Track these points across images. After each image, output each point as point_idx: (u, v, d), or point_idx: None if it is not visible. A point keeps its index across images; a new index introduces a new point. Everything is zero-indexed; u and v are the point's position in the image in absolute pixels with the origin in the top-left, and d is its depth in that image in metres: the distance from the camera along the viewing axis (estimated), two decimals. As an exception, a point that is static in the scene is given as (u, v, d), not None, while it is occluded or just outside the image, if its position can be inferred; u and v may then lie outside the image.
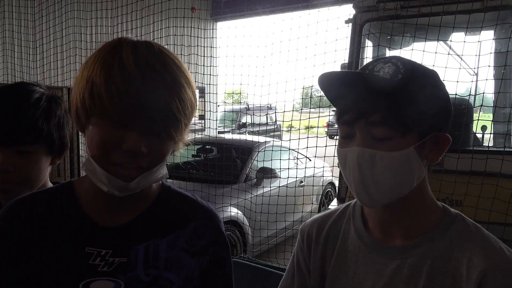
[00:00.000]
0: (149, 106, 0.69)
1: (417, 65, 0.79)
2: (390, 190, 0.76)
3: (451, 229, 0.79)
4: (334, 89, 0.79)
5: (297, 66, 3.73)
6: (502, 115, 2.96)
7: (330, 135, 5.80)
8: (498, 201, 2.34)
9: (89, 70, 0.76)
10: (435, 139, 0.78)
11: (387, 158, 0.73)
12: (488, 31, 3.03)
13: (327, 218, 0.93)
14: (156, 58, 0.74)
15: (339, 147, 0.80)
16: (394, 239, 0.82)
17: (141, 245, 0.78)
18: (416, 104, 0.73)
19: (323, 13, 4.02)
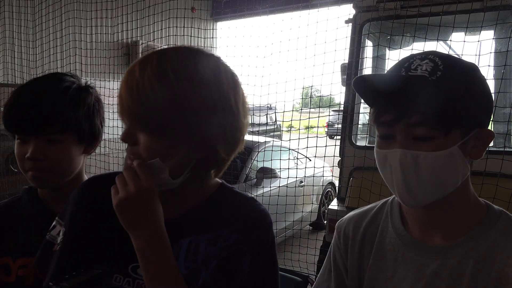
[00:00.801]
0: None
1: (456, 59, 0.77)
2: (435, 190, 0.75)
3: (495, 228, 0.77)
4: (372, 91, 0.77)
5: (297, 66, 3.73)
6: (502, 115, 2.95)
7: (330, 135, 5.80)
8: (498, 201, 2.33)
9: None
10: (477, 135, 0.75)
11: (431, 159, 0.72)
12: (488, 31, 3.02)
13: (364, 216, 0.92)
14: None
15: (378, 148, 0.78)
16: (435, 238, 0.80)
17: (185, 239, 0.80)
18: (457, 101, 0.71)
19: (323, 13, 4.02)
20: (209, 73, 0.75)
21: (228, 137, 0.78)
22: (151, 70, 0.72)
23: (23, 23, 6.30)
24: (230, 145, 0.80)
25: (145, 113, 0.71)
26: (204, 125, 0.74)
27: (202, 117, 0.73)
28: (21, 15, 6.26)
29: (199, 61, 0.75)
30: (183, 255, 0.80)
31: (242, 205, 0.85)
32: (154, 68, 0.72)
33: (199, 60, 0.76)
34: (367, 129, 3.38)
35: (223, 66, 0.79)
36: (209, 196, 0.85)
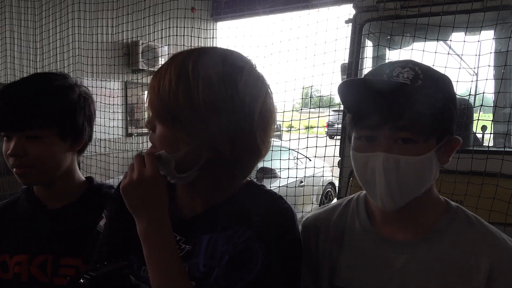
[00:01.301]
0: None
1: (433, 69, 0.82)
2: (411, 192, 0.79)
3: (455, 222, 0.83)
4: (353, 95, 0.80)
5: (297, 66, 3.73)
6: (502, 115, 2.95)
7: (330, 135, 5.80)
8: (498, 201, 2.34)
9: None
10: (448, 142, 0.81)
11: (412, 163, 0.76)
12: (488, 31, 3.02)
13: (330, 214, 0.94)
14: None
15: (356, 151, 0.81)
16: (402, 234, 0.84)
17: (207, 236, 0.82)
18: (437, 108, 0.76)
19: (323, 13, 4.02)
20: (227, 76, 0.77)
21: (235, 139, 0.78)
22: (174, 68, 0.78)
23: (24, 23, 6.30)
24: (238, 148, 0.79)
25: (161, 106, 0.77)
26: (210, 124, 0.76)
27: (209, 117, 0.76)
28: (22, 15, 6.26)
29: (222, 64, 0.78)
30: (203, 252, 0.82)
31: (265, 203, 0.85)
32: (176, 66, 0.78)
33: (223, 62, 0.79)
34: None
35: (250, 72, 0.82)
36: (233, 194, 0.86)
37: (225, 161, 0.81)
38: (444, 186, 2.50)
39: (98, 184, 1.18)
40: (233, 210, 0.84)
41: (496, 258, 0.77)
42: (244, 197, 0.86)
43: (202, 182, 0.84)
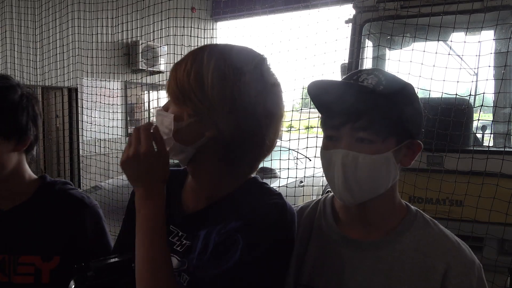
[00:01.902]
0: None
1: (397, 78, 0.88)
2: (369, 189, 0.84)
3: (414, 225, 0.88)
4: (322, 96, 0.86)
5: (297, 66, 3.73)
6: (502, 115, 2.96)
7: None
8: (498, 201, 2.34)
9: None
10: (409, 145, 0.86)
11: (369, 160, 0.81)
12: (488, 31, 3.03)
13: (299, 214, 0.96)
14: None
15: (324, 149, 0.87)
16: (364, 235, 0.89)
17: (203, 231, 0.84)
18: (395, 113, 0.82)
19: (323, 13, 4.03)
20: (235, 69, 0.81)
21: (239, 124, 0.81)
22: (192, 54, 0.85)
23: (24, 23, 6.30)
24: (242, 135, 0.81)
25: (175, 86, 0.84)
26: (215, 106, 0.80)
27: (215, 99, 0.80)
28: (22, 15, 6.26)
29: (232, 57, 0.83)
30: (199, 246, 0.83)
31: (258, 197, 0.85)
32: (194, 53, 0.85)
33: (233, 55, 0.83)
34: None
35: (255, 71, 0.84)
36: (234, 190, 0.87)
37: (228, 148, 0.82)
38: (444, 186, 2.51)
39: (52, 181, 1.17)
40: (230, 205, 0.85)
41: (451, 259, 0.83)
42: (242, 192, 0.87)
43: (206, 176, 0.87)
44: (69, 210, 1.10)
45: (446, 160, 2.59)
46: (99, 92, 5.78)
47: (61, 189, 1.14)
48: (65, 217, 1.09)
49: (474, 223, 2.33)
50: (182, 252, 0.85)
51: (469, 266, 0.84)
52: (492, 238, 2.45)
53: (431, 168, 2.59)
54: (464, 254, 0.85)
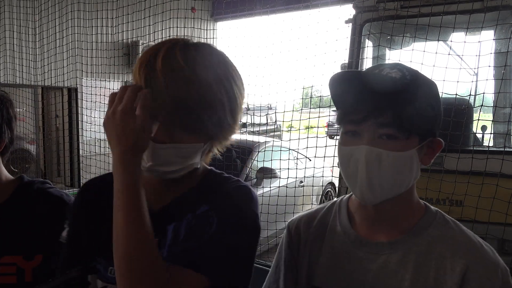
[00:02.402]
0: None
1: (420, 74, 0.83)
2: (392, 188, 0.80)
3: (432, 225, 0.85)
4: (342, 88, 0.82)
5: (297, 66, 3.73)
6: (502, 115, 2.96)
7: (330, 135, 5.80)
8: (498, 201, 2.34)
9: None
10: (430, 144, 0.83)
11: (393, 158, 0.78)
12: (488, 31, 3.03)
13: (314, 215, 0.96)
14: None
15: (342, 145, 0.83)
16: (380, 235, 0.86)
17: (170, 225, 0.83)
18: (421, 109, 0.78)
19: (323, 13, 4.03)
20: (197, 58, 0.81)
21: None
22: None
23: (24, 23, 6.30)
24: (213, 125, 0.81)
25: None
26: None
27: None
28: (22, 15, 6.26)
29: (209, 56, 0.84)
30: (169, 239, 0.82)
31: (224, 183, 0.88)
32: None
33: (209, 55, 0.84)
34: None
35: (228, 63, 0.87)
36: (197, 183, 0.88)
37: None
38: (444, 186, 2.51)
39: (30, 180, 1.17)
40: (195, 196, 0.86)
41: (471, 260, 0.79)
42: (205, 183, 0.88)
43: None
44: (49, 208, 1.10)
45: (446, 160, 2.59)
46: (99, 92, 5.78)
47: (39, 188, 1.14)
48: (45, 215, 1.09)
49: (474, 223, 2.33)
50: None
51: (492, 269, 0.78)
52: (492, 238, 2.45)
53: (431, 168, 2.59)
54: (487, 255, 0.80)
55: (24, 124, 6.61)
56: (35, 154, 7.03)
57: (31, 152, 6.99)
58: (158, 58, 0.77)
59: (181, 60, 0.77)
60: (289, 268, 0.95)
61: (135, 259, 0.70)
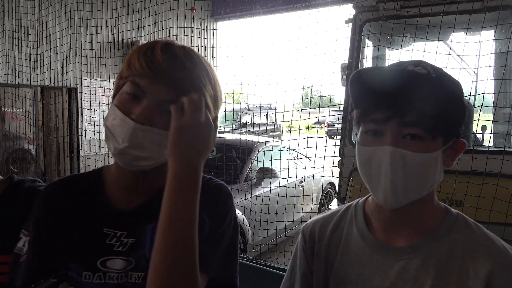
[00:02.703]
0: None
1: (445, 72, 0.80)
2: (415, 191, 0.77)
3: (454, 228, 0.81)
4: (363, 86, 0.77)
5: (297, 66, 3.73)
6: (502, 115, 2.96)
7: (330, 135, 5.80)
8: (498, 201, 2.34)
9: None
10: (453, 145, 0.79)
11: (419, 159, 0.74)
12: (488, 31, 3.03)
13: (329, 219, 0.93)
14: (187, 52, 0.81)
15: (362, 145, 0.79)
16: (399, 240, 0.82)
17: (149, 225, 0.83)
18: (447, 109, 0.74)
19: (323, 13, 4.03)
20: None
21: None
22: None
23: (24, 23, 6.30)
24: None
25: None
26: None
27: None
28: (22, 15, 6.26)
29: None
30: (149, 241, 0.82)
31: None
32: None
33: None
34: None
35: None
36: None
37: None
38: (444, 186, 2.51)
39: (19, 180, 1.16)
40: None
41: (496, 264, 0.75)
42: None
43: (154, 170, 0.84)
44: None
45: (446, 160, 2.59)
46: (99, 92, 5.77)
47: (30, 186, 1.13)
48: None
49: (474, 223, 2.33)
50: (126, 251, 0.82)
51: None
52: (492, 238, 2.45)
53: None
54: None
55: (24, 124, 6.62)
56: (35, 154, 7.03)
57: (31, 152, 6.99)
58: (157, 49, 0.78)
59: (179, 51, 0.79)
60: (304, 273, 0.92)
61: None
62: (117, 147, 0.76)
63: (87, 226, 0.84)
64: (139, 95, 0.77)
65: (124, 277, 0.81)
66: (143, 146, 0.76)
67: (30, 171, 6.91)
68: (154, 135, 0.76)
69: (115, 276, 0.81)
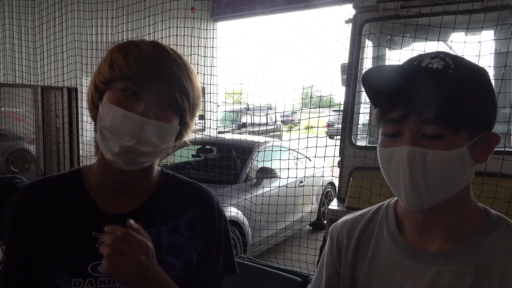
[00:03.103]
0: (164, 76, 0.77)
1: (466, 60, 0.75)
2: (441, 192, 0.72)
3: (494, 233, 0.75)
4: (381, 84, 0.75)
5: (297, 66, 3.73)
6: (502, 115, 2.95)
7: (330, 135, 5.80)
8: (498, 201, 2.34)
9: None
10: (484, 138, 0.74)
11: (440, 157, 0.70)
12: (488, 31, 3.02)
13: (358, 220, 0.89)
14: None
15: (382, 146, 0.76)
16: (432, 244, 0.78)
17: (145, 231, 0.81)
18: (469, 100, 0.70)
19: (323, 13, 4.03)
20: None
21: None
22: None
23: (24, 23, 6.30)
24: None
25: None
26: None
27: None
28: (22, 15, 6.26)
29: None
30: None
31: (190, 187, 0.93)
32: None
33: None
34: (367, 129, 3.38)
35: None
36: (158, 184, 0.89)
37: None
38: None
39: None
40: (165, 200, 0.87)
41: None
42: (168, 186, 0.90)
43: (146, 174, 0.86)
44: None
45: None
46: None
47: (8, 183, 1.12)
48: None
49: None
50: None
51: None
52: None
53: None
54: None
55: (24, 124, 6.62)
56: (35, 154, 7.03)
57: (31, 152, 6.99)
58: (144, 45, 0.79)
59: (168, 48, 0.81)
60: (329, 276, 0.89)
61: None
62: (124, 144, 0.75)
63: (74, 231, 0.81)
64: (138, 91, 0.77)
65: (117, 282, 0.80)
66: (150, 141, 0.77)
67: (30, 171, 6.91)
68: (158, 129, 0.77)
69: (106, 280, 0.80)
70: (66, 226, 0.81)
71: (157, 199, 0.87)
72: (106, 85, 0.78)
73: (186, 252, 0.86)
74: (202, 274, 0.88)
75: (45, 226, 0.81)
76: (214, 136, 5.88)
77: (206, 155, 4.94)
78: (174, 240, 0.85)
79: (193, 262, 0.87)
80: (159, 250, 0.82)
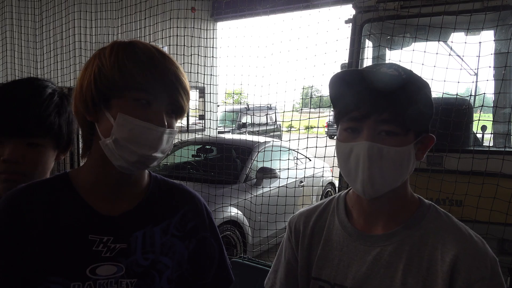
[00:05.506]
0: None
1: (414, 73, 0.88)
2: (391, 181, 0.84)
3: (425, 218, 0.89)
4: (343, 87, 0.86)
5: (297, 66, 3.73)
6: (502, 115, 2.96)
7: (330, 135, 5.80)
8: (498, 201, 2.34)
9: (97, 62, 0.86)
10: (423, 140, 0.87)
11: (393, 152, 0.82)
12: (488, 31, 3.03)
13: (313, 212, 1.01)
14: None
15: (341, 141, 0.87)
16: (376, 229, 0.91)
17: (140, 231, 0.84)
18: (417, 106, 0.82)
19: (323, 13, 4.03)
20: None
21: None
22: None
23: (25, 23, 6.31)
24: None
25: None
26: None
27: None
28: (23, 15, 6.27)
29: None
30: (140, 247, 0.83)
31: (178, 192, 0.95)
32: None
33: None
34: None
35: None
36: (148, 186, 0.90)
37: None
38: (445, 186, 2.51)
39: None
40: (157, 203, 0.89)
41: (461, 250, 0.82)
42: (158, 188, 0.92)
43: (140, 176, 0.88)
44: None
45: (446, 160, 2.59)
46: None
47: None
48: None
49: (474, 223, 2.33)
50: (114, 256, 0.80)
51: (480, 259, 0.81)
52: (492, 238, 2.45)
53: (432, 168, 2.60)
54: (476, 246, 0.83)
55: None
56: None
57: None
58: (151, 53, 0.81)
59: (163, 52, 0.83)
60: (288, 261, 1.01)
61: None
62: (145, 154, 0.78)
63: (69, 234, 0.79)
64: (151, 101, 0.78)
65: (114, 284, 0.79)
66: (163, 148, 0.81)
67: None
68: (168, 135, 0.81)
69: (105, 282, 0.79)
70: (60, 229, 0.79)
71: (150, 200, 0.88)
72: (114, 91, 0.78)
73: (177, 252, 0.88)
74: (201, 274, 0.92)
75: (36, 231, 0.78)
76: (214, 136, 5.88)
77: (206, 155, 4.94)
78: (166, 240, 0.87)
79: (185, 261, 0.89)
80: (154, 251, 0.84)
